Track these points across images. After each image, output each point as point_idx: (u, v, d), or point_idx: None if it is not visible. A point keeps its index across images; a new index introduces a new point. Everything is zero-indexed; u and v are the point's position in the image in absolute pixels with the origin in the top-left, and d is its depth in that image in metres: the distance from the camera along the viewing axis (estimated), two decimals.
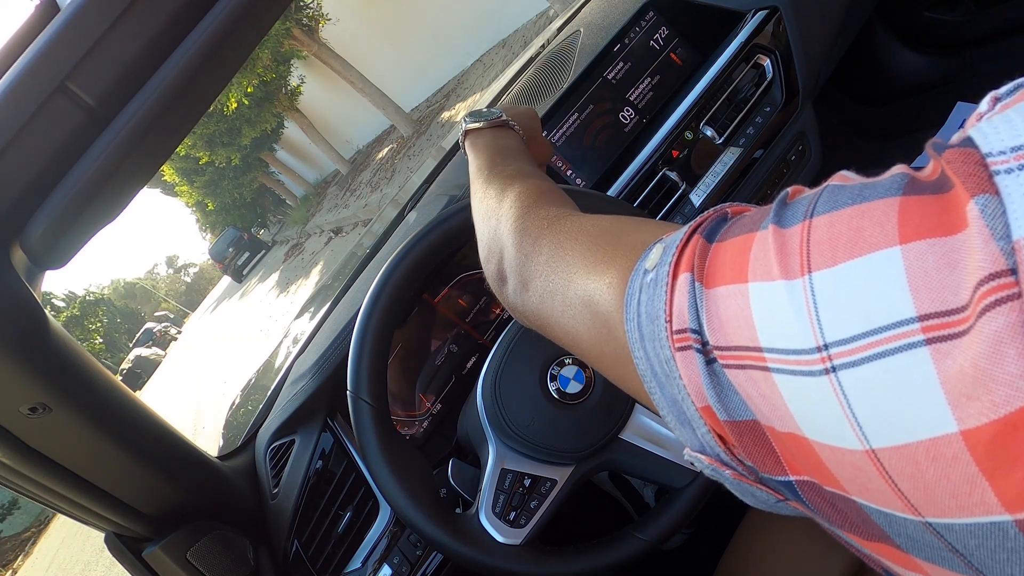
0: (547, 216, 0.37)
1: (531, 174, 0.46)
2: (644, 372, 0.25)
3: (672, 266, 0.24)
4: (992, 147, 0.16)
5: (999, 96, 0.18)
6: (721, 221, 0.24)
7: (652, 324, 0.24)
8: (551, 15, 5.27)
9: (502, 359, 0.55)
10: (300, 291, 7.80)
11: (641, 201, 0.79)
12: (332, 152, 10.93)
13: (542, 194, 0.41)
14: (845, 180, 0.20)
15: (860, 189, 0.19)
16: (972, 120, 0.18)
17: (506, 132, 0.57)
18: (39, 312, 0.43)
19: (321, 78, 9.41)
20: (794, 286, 0.19)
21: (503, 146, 0.53)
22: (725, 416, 0.22)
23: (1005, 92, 0.18)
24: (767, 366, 0.19)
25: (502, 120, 0.57)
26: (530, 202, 0.40)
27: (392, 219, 0.97)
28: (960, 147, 0.16)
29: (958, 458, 0.15)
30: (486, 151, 0.52)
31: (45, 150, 0.38)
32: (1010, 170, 0.15)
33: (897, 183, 0.18)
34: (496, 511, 0.52)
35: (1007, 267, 0.14)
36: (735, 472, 0.23)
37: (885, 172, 0.20)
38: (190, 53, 0.40)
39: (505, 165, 0.49)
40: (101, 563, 6.24)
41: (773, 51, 0.82)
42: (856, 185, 0.19)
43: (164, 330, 26.22)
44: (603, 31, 0.86)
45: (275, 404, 0.78)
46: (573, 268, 0.32)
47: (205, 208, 15.25)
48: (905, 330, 0.16)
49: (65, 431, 0.48)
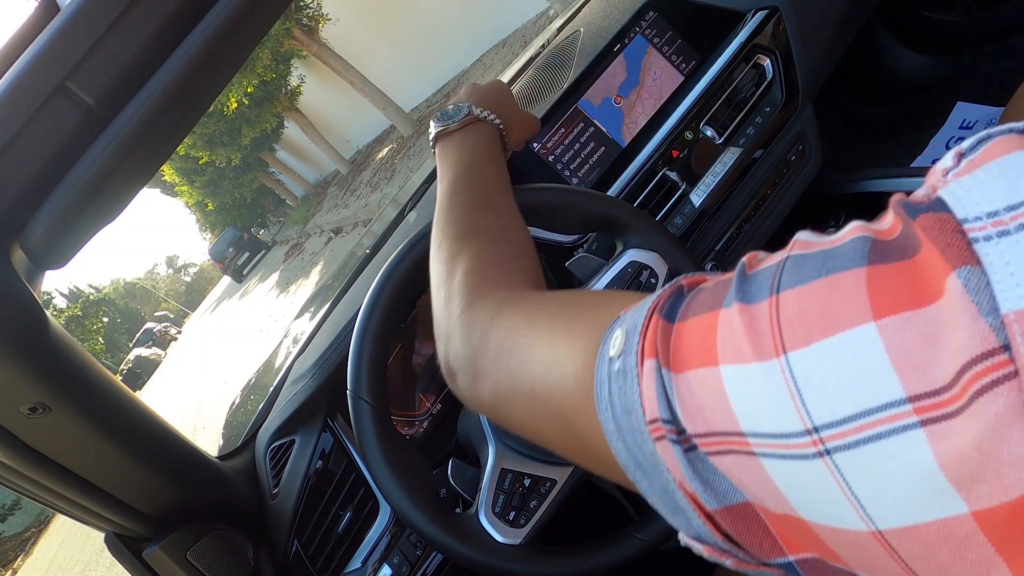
0: (493, 306, 0.35)
1: (485, 229, 0.43)
2: (627, 464, 0.24)
3: (639, 353, 0.22)
4: (967, 212, 0.16)
5: (963, 152, 0.18)
6: (679, 297, 0.24)
7: (629, 416, 0.23)
8: (551, 15, 5.27)
9: None
10: (300, 291, 7.80)
11: (641, 201, 0.79)
12: (332, 152, 10.93)
13: (491, 269, 0.39)
14: (806, 246, 0.20)
15: (824, 259, 0.18)
16: (937, 175, 0.18)
17: (479, 128, 0.53)
18: (39, 312, 0.43)
19: (321, 78, 9.41)
20: (771, 367, 0.18)
21: (473, 153, 0.51)
22: (715, 505, 0.21)
23: (969, 147, 0.18)
24: (752, 451, 0.19)
25: (472, 116, 0.53)
26: (477, 285, 0.38)
27: (392, 219, 0.97)
28: (935, 212, 0.16)
29: (972, 539, 0.15)
30: (452, 167, 0.50)
31: (45, 150, 0.38)
32: (989, 237, 0.15)
33: (860, 250, 0.18)
34: (496, 511, 0.52)
35: (998, 344, 0.14)
36: (735, 559, 0.23)
37: (844, 232, 0.19)
38: (190, 53, 0.40)
39: (472, 189, 0.46)
40: (101, 563, 6.24)
41: (773, 51, 0.82)
42: (819, 254, 0.19)
43: (164, 330, 26.23)
44: (603, 31, 0.86)
45: (275, 404, 0.78)
46: (527, 363, 0.30)
47: (205, 208, 15.26)
48: (897, 412, 0.15)
49: (65, 431, 0.48)
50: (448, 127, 0.53)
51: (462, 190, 0.47)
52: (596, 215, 0.59)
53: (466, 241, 0.41)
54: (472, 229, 0.43)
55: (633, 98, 0.81)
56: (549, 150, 0.79)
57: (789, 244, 0.21)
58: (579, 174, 0.80)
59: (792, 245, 0.21)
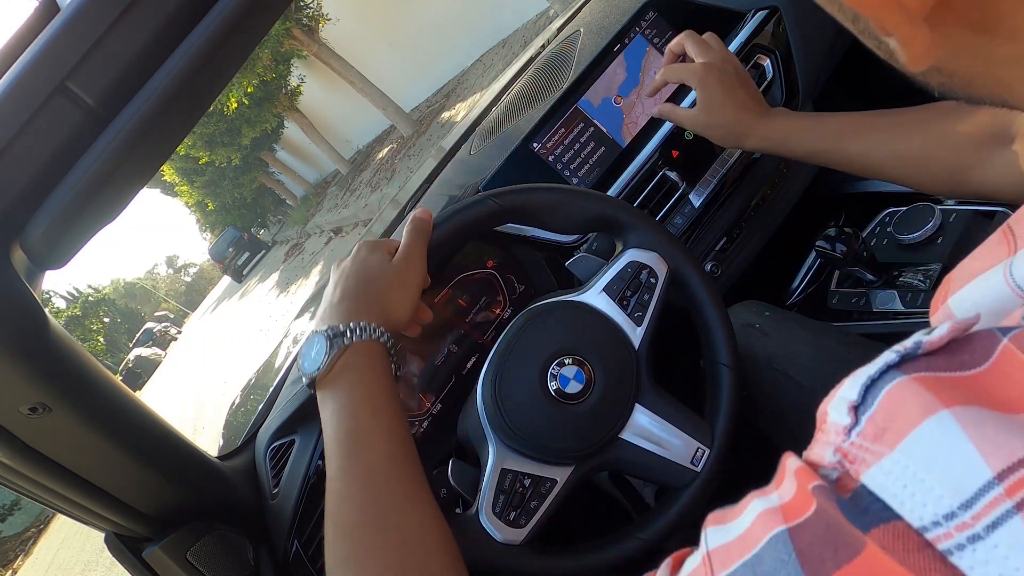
0: None
1: (377, 547, 0.39)
2: None
3: None
4: (922, 518, 0.15)
5: (856, 404, 0.17)
6: None
7: None
8: (551, 15, 5.27)
9: (502, 359, 0.55)
10: (300, 291, 7.80)
11: (641, 201, 0.79)
12: (332, 152, 10.93)
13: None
14: (719, 520, 0.20)
15: (751, 564, 0.18)
16: (836, 432, 0.17)
17: (351, 362, 0.46)
18: (39, 312, 0.43)
19: (321, 78, 9.41)
20: None
21: (348, 412, 0.44)
22: None
23: (858, 397, 0.17)
24: None
25: (338, 350, 0.45)
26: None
27: (392, 219, 0.97)
28: (885, 523, 0.15)
29: None
30: (330, 441, 0.44)
31: (45, 150, 0.38)
32: (961, 546, 0.14)
33: (788, 563, 0.16)
34: (496, 511, 0.52)
35: None
36: None
37: (751, 518, 0.19)
38: (190, 53, 0.40)
39: (357, 480, 0.41)
40: (101, 563, 6.24)
41: (773, 51, 0.82)
42: (737, 553, 0.18)
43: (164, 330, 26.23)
44: (603, 31, 0.86)
45: (275, 404, 0.78)
46: None
47: (205, 208, 15.26)
48: None
49: (65, 431, 0.48)
50: (317, 374, 0.46)
51: (345, 482, 0.42)
52: (596, 215, 0.59)
53: (359, 567, 0.38)
54: (363, 550, 0.39)
55: (633, 98, 0.81)
56: (549, 150, 0.79)
57: (702, 536, 0.21)
58: (579, 174, 0.80)
59: (708, 519, 0.21)
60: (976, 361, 0.16)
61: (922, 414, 0.15)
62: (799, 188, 0.83)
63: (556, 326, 0.56)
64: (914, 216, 0.73)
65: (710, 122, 0.67)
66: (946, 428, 0.15)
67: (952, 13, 0.19)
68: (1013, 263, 0.20)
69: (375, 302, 0.50)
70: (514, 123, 0.87)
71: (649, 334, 0.56)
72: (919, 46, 0.19)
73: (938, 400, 0.15)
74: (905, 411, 0.16)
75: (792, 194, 0.83)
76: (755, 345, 0.68)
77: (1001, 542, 0.13)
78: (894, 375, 0.17)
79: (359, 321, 0.47)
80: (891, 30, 0.19)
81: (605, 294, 0.57)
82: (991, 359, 0.16)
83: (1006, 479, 0.14)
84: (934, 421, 0.15)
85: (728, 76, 0.65)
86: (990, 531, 0.13)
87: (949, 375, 0.16)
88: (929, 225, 0.70)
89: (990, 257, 0.21)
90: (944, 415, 0.15)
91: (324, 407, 0.46)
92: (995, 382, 0.16)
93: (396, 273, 0.51)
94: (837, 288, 0.81)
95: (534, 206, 0.59)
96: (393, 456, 0.43)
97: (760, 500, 0.19)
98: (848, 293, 0.78)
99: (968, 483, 0.14)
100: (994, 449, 0.14)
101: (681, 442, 0.54)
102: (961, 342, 0.17)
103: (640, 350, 0.56)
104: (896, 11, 0.18)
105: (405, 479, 0.43)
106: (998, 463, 0.14)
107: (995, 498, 0.14)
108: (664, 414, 0.55)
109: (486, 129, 0.95)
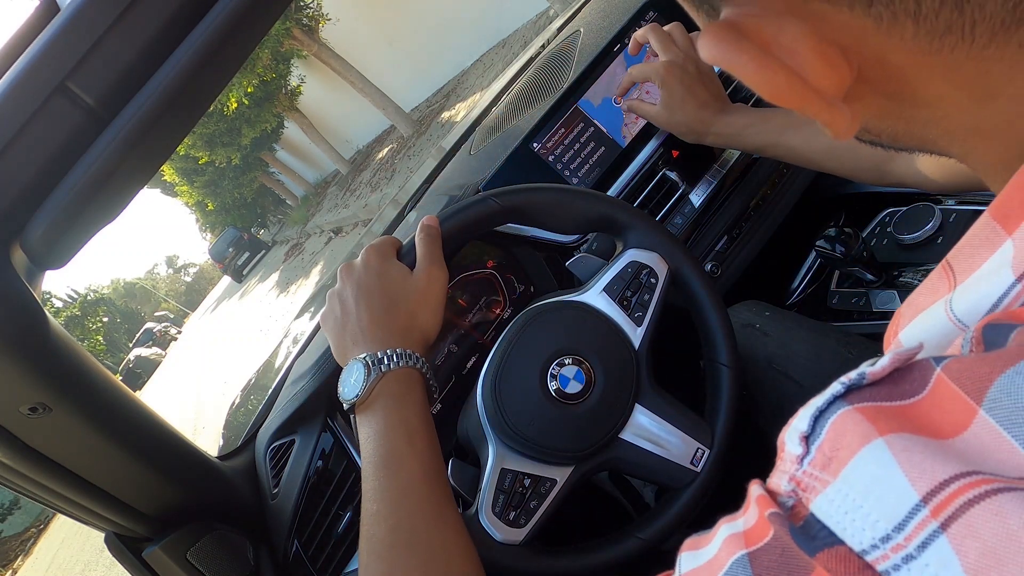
0: None
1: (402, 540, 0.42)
2: None
3: None
4: (862, 542, 0.15)
5: (807, 435, 0.18)
6: None
7: None
8: (551, 15, 5.27)
9: (502, 359, 0.55)
10: (300, 291, 7.81)
11: (641, 201, 0.79)
12: (332, 152, 10.93)
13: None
14: (693, 546, 0.22)
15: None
16: (791, 461, 0.18)
17: (387, 390, 0.47)
18: (39, 312, 0.43)
19: (321, 78, 9.41)
20: None
21: (386, 440, 0.46)
22: None
23: (808, 427, 0.18)
24: None
25: (376, 377, 0.47)
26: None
27: (392, 219, 0.97)
28: (830, 547, 0.16)
29: None
30: (369, 459, 0.46)
31: (45, 150, 0.38)
32: (897, 567, 0.15)
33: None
34: (496, 511, 0.52)
35: None
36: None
37: (718, 545, 0.20)
38: (190, 53, 0.40)
39: (393, 510, 0.43)
40: (101, 563, 6.25)
41: None
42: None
43: (164, 330, 26.24)
44: (603, 31, 0.86)
45: (275, 404, 0.78)
46: None
47: (205, 208, 15.26)
48: None
49: (65, 431, 0.48)
50: (356, 400, 0.47)
51: (380, 503, 0.44)
52: (596, 215, 0.59)
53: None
54: (396, 569, 0.41)
55: (633, 98, 0.81)
56: (549, 150, 0.79)
57: (677, 561, 0.22)
58: (579, 174, 0.80)
59: (679, 560, 0.22)
60: (915, 390, 0.17)
61: (860, 443, 0.16)
62: (799, 188, 0.83)
63: (556, 326, 0.56)
64: (914, 216, 0.73)
65: (671, 119, 0.70)
66: (879, 456, 0.16)
67: (869, 86, 0.20)
68: (952, 298, 0.21)
69: (407, 326, 0.51)
70: (514, 123, 0.87)
71: (649, 334, 0.56)
72: (841, 124, 0.20)
73: (875, 429, 0.16)
74: (847, 440, 0.17)
75: (792, 194, 0.83)
76: (755, 345, 0.68)
77: (931, 560, 0.14)
78: (840, 405, 0.18)
79: (396, 348, 0.49)
80: (812, 115, 0.20)
81: (605, 294, 0.57)
82: (927, 388, 0.17)
83: (931, 501, 0.15)
84: (870, 449, 0.16)
85: (689, 75, 0.68)
86: (920, 551, 0.14)
87: (889, 404, 0.17)
88: (929, 225, 0.70)
89: (932, 292, 0.22)
90: (878, 443, 0.16)
91: (362, 430, 0.48)
92: (929, 410, 0.17)
93: (420, 293, 0.53)
94: (837, 288, 0.81)
95: (534, 206, 0.59)
96: (426, 478, 0.45)
97: (727, 526, 0.20)
98: (848, 293, 0.78)
99: (899, 507, 0.15)
100: (919, 474, 0.15)
101: (681, 442, 0.54)
102: (903, 371, 0.18)
103: (640, 350, 0.56)
104: (814, 100, 0.19)
105: (436, 501, 0.45)
106: (923, 486, 0.15)
107: (923, 520, 0.15)
108: (664, 414, 0.55)
109: (486, 129, 0.95)
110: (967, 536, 0.14)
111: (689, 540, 0.23)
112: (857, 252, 0.71)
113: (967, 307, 0.20)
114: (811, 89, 0.19)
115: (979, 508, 0.14)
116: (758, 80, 0.19)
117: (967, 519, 0.14)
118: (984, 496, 0.14)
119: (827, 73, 0.19)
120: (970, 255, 0.20)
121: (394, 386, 0.48)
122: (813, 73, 0.19)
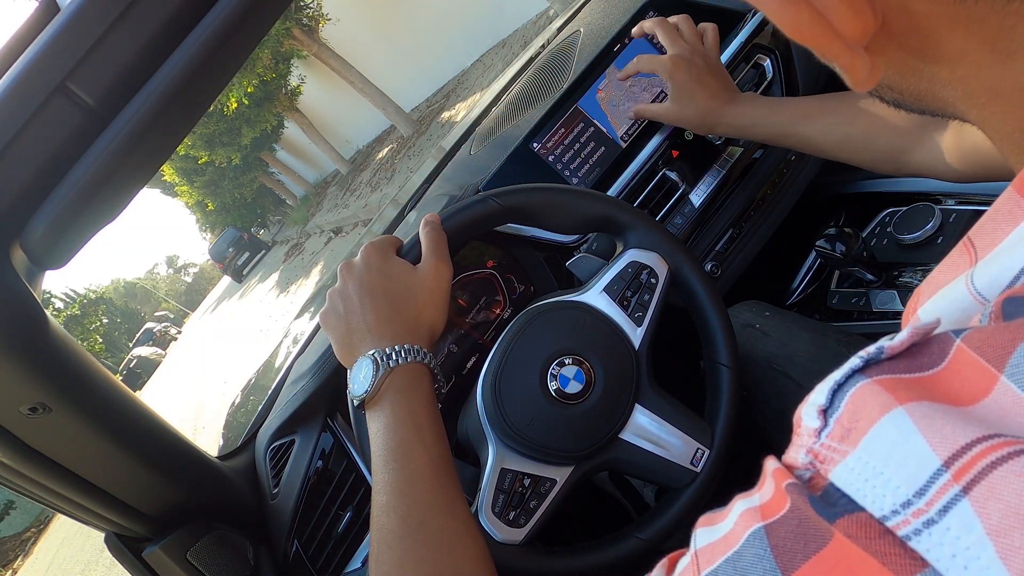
0: None
1: (410, 530, 0.42)
2: None
3: None
4: (883, 508, 0.16)
5: (825, 408, 0.18)
6: None
7: None
8: (551, 15, 5.27)
9: (502, 359, 0.55)
10: (300, 291, 7.81)
11: (641, 201, 0.79)
12: (332, 152, 10.93)
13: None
14: (709, 522, 0.22)
15: (732, 560, 0.19)
16: (808, 435, 0.18)
17: (394, 386, 0.48)
18: (39, 312, 0.43)
19: (321, 78, 9.42)
20: None
21: (395, 430, 0.46)
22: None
23: (826, 400, 0.18)
24: None
25: (384, 372, 0.47)
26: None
27: (392, 219, 0.97)
28: (850, 513, 0.16)
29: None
30: (378, 452, 0.46)
31: (45, 150, 0.38)
32: (918, 531, 0.15)
33: (765, 558, 0.18)
34: (496, 511, 0.52)
35: None
36: None
37: (734, 519, 0.20)
38: (190, 53, 0.40)
39: (403, 503, 0.43)
40: (101, 563, 6.24)
41: (773, 51, 0.82)
42: (721, 551, 0.19)
43: (164, 330, 26.24)
44: (603, 31, 0.86)
45: (275, 404, 0.78)
46: None
47: (205, 208, 15.26)
48: None
49: (65, 431, 0.48)
50: (365, 396, 0.48)
51: (389, 495, 0.44)
52: (596, 215, 0.59)
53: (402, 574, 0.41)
54: (407, 559, 0.41)
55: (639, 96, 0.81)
56: (549, 150, 0.79)
57: (692, 537, 0.22)
58: (579, 174, 0.80)
59: (695, 536, 0.22)
60: (934, 363, 0.17)
61: (880, 412, 0.17)
62: (799, 188, 0.83)
63: (556, 326, 0.56)
64: (914, 216, 0.73)
65: (682, 112, 0.70)
66: (899, 423, 0.16)
67: (893, 40, 0.21)
68: (974, 273, 0.21)
69: (413, 322, 0.52)
70: (514, 123, 0.87)
71: (649, 334, 0.56)
72: (860, 73, 0.21)
73: (894, 399, 0.17)
74: (866, 411, 0.17)
75: (792, 194, 0.83)
76: (755, 345, 0.68)
77: (952, 524, 0.14)
78: (858, 379, 0.18)
79: (403, 344, 0.49)
80: (831, 59, 0.20)
81: (605, 294, 0.57)
82: (946, 359, 0.17)
83: (952, 465, 0.15)
84: (889, 418, 0.16)
85: (697, 67, 0.68)
86: (942, 514, 0.14)
87: (908, 376, 0.17)
88: (929, 225, 0.70)
89: (953, 269, 0.22)
90: (898, 412, 0.16)
91: (371, 425, 0.48)
92: (949, 380, 0.17)
93: (426, 288, 0.53)
94: (837, 288, 0.81)
95: (534, 206, 0.59)
96: (434, 469, 0.45)
97: (743, 501, 0.20)
98: (848, 293, 0.78)
99: (920, 472, 0.15)
100: (941, 439, 0.15)
101: (681, 442, 0.54)
102: (921, 346, 0.18)
103: (640, 350, 0.56)
104: (835, 42, 0.20)
105: (444, 491, 0.45)
106: (944, 451, 0.15)
107: (944, 484, 0.15)
108: (664, 414, 0.55)
109: (486, 129, 0.95)
110: (989, 498, 0.14)
111: (704, 516, 0.23)
112: (857, 252, 0.71)
113: (988, 281, 0.20)
114: (834, 32, 0.19)
115: (1002, 470, 0.14)
116: (782, 16, 0.19)
117: (989, 481, 0.14)
118: (1007, 458, 0.14)
119: (851, 18, 0.19)
120: (992, 229, 0.20)
121: (402, 380, 0.48)
122: (838, 16, 0.19)
